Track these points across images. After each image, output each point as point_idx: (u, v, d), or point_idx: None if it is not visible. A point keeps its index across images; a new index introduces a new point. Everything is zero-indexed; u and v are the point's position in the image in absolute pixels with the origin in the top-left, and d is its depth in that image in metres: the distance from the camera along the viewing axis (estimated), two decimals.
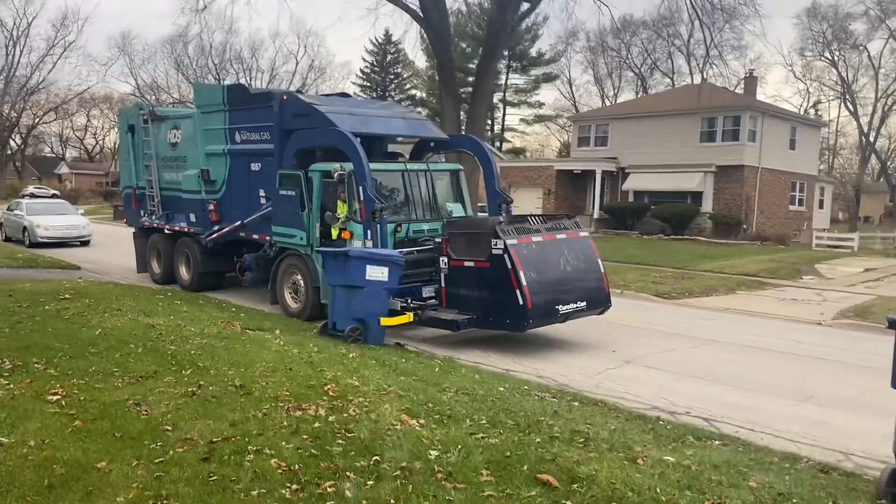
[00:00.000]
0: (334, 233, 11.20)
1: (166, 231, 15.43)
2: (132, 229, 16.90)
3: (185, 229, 14.79)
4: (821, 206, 40.71)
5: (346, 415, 5.99)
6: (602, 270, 10.99)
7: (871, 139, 59.38)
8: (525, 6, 28.09)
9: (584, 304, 10.43)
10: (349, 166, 11.06)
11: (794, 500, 4.72)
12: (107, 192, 68.70)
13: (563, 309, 10.11)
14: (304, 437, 5.42)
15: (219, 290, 14.70)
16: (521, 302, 9.53)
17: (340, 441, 5.35)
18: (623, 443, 5.77)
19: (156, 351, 7.94)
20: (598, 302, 10.81)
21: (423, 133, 13.63)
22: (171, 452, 5.01)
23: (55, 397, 6.13)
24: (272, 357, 7.96)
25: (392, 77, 70.61)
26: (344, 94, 16.01)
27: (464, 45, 57.75)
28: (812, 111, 59.26)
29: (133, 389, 6.49)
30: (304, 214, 11.70)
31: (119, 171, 18.10)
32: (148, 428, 5.48)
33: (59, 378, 6.74)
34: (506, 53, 61.80)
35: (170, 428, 5.49)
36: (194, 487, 4.49)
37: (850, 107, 58.95)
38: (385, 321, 9.83)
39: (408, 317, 10.17)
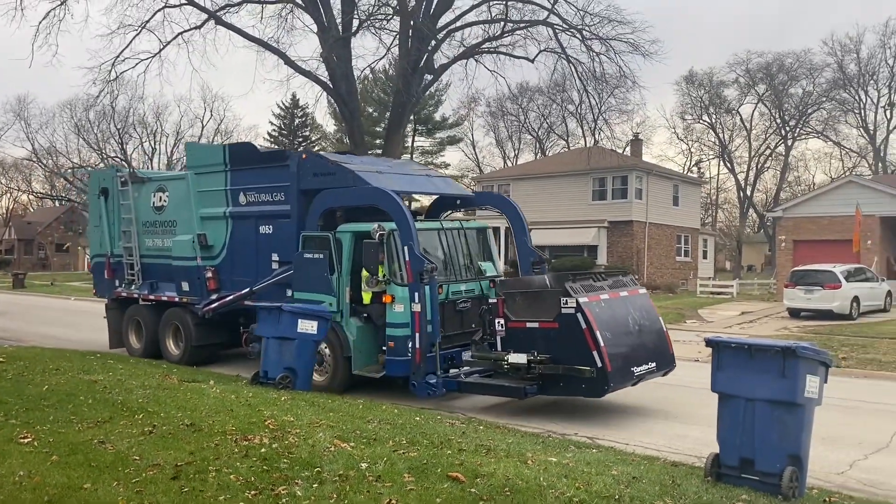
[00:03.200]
0: (366, 297, 10.75)
1: (146, 302, 14.53)
2: (104, 301, 15.83)
3: (176, 299, 13.85)
4: (705, 257, 44.15)
5: (286, 442, 7.07)
6: (665, 329, 10.65)
7: (749, 194, 64.66)
8: (428, 78, 30.21)
9: (653, 364, 10.00)
10: (389, 225, 10.62)
11: (644, 481, 6.17)
12: (0, 261, 66.33)
13: (637, 370, 9.66)
14: (255, 459, 6.48)
15: (213, 363, 14.09)
16: (599, 364, 9.00)
17: (286, 460, 6.44)
18: (518, 451, 7.11)
19: (105, 401, 8.76)
20: (665, 362, 10.39)
21: (449, 190, 13.20)
22: (144, 474, 5.98)
23: (26, 440, 6.94)
24: (213, 402, 8.93)
25: (300, 140, 71.84)
26: (350, 153, 15.62)
27: (370, 110, 59.85)
28: (695, 169, 64.09)
29: (94, 432, 7.35)
30: (334, 279, 11.07)
31: (88, 238, 16.61)
32: (118, 459, 6.41)
33: (23, 426, 7.50)
34: (412, 118, 64.41)
35: (137, 457, 6.44)
36: (170, 497, 5.51)
37: (728, 165, 64.27)
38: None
39: None
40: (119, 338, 15.15)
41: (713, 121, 63.79)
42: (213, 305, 12.99)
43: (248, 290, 12.39)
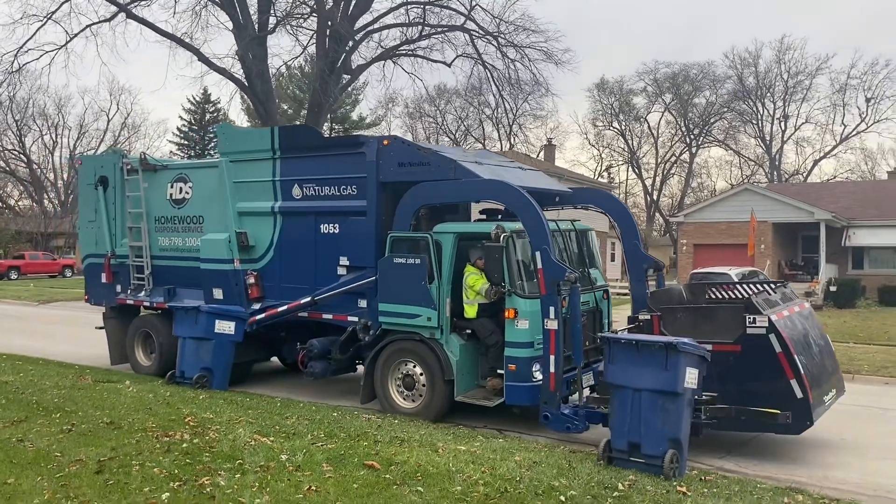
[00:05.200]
0: (471, 310, 9.37)
1: (154, 311, 12.70)
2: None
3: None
4: (612, 259, 45.95)
5: (207, 437, 7.35)
6: (833, 349, 9.44)
7: (655, 199, 67.49)
8: (345, 78, 30.45)
9: (834, 392, 8.72)
10: (510, 226, 9.19)
11: (544, 465, 6.77)
12: None
13: (826, 400, 8.33)
14: (177, 453, 6.74)
15: (244, 383, 12.00)
16: (799, 395, 7.69)
17: (207, 454, 6.74)
18: (429, 441, 7.61)
19: (19, 401, 8.78)
20: (841, 388, 9.05)
21: (547, 185, 11.28)
22: (67, 470, 6.18)
23: None
24: (130, 401, 9.06)
25: (212, 136, 70.40)
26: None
27: (285, 107, 59.30)
28: (605, 174, 66.49)
29: (11, 431, 7.43)
30: (433, 288, 9.42)
31: (79, 235, 14.44)
32: (39, 456, 6.56)
33: None
34: (328, 117, 64.27)
35: (59, 454, 6.61)
36: (96, 490, 5.74)
37: (636, 171, 66.95)
38: None
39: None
40: (122, 352, 13.12)
41: (623, 128, 66.35)
42: (261, 317, 11.08)
43: (308, 299, 10.56)
